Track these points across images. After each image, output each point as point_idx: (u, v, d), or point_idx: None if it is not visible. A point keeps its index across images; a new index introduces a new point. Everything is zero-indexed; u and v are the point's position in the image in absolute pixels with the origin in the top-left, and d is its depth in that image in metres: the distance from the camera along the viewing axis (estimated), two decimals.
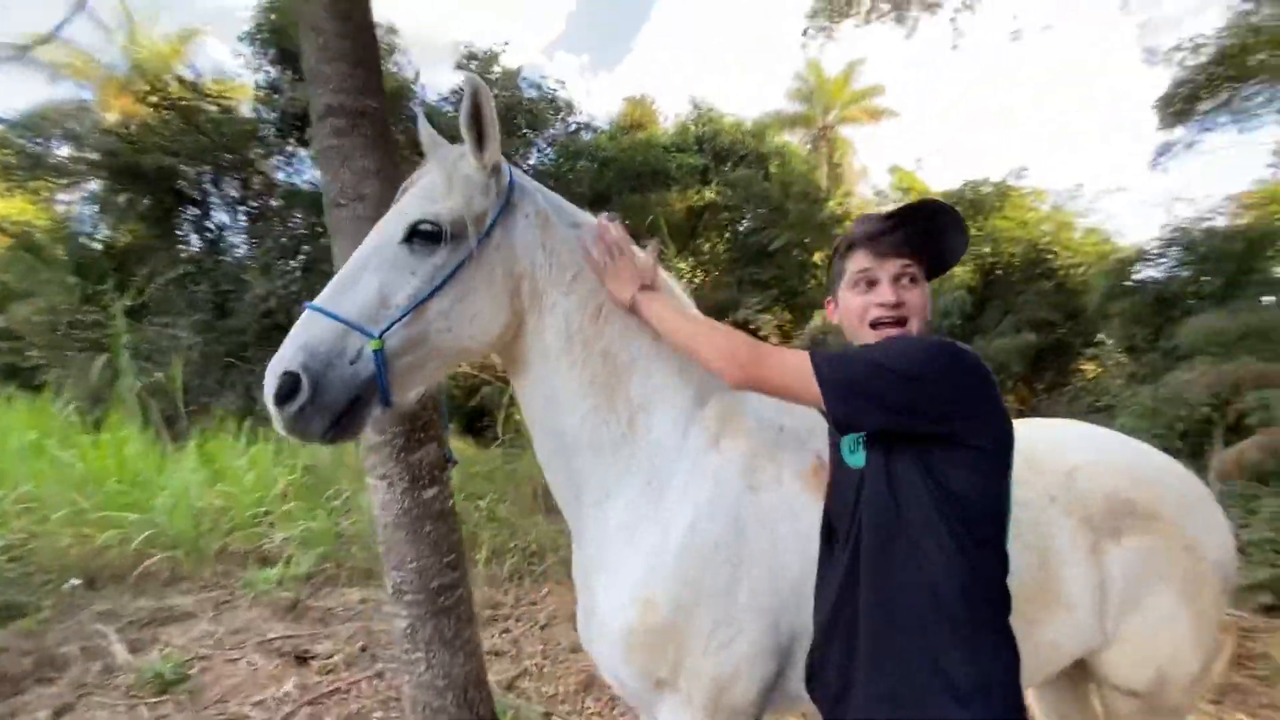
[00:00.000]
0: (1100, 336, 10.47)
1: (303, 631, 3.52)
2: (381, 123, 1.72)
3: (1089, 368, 11.06)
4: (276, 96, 10.36)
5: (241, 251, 11.25)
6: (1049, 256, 11.69)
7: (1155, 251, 9.84)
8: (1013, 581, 1.20)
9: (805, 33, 10.07)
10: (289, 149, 10.90)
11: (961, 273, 12.17)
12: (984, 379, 1.00)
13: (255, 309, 9.33)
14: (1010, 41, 11.11)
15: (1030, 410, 11.45)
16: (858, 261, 1.11)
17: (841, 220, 12.63)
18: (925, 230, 1.08)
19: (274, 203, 11.13)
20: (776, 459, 1.25)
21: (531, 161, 11.84)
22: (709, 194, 13.23)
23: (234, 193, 11.22)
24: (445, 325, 1.15)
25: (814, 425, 1.35)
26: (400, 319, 1.11)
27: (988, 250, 11.99)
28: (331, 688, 2.93)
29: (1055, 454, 1.38)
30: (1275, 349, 6.39)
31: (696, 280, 14.07)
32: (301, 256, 9.83)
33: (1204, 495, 1.47)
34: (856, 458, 1.06)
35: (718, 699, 1.13)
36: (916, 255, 1.09)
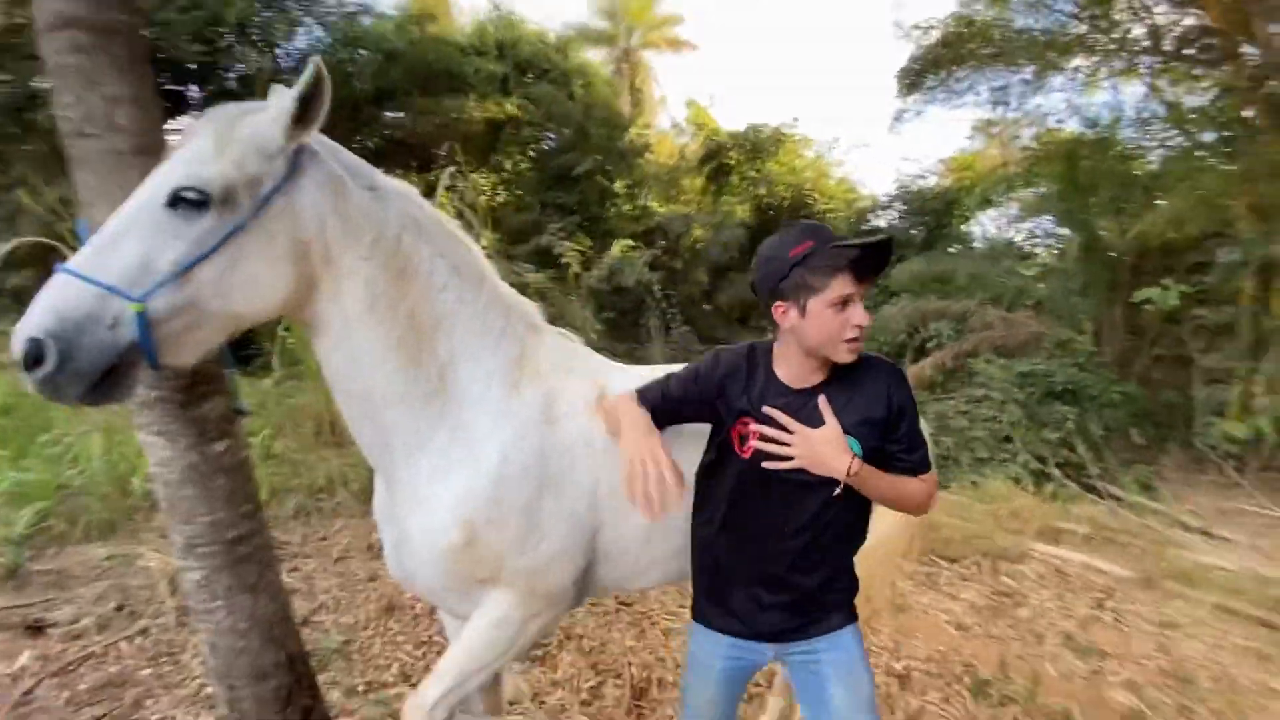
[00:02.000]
0: None
1: (32, 600, 3.04)
2: (137, 43, 1.45)
3: None
4: None
5: None
6: (811, 201, 13.45)
7: (885, 203, 11.93)
8: None
9: None
10: None
11: (741, 211, 13.49)
12: None
13: None
14: None
15: None
16: (843, 284, 1.18)
17: (642, 150, 13.03)
18: (884, 258, 1.25)
19: None
20: (568, 396, 1.47)
21: (299, 44, 10.09)
22: (510, 107, 12.61)
23: None
24: (216, 292, 1.12)
25: (596, 366, 1.62)
26: (164, 283, 1.07)
27: (764, 191, 13.39)
28: (84, 653, 2.63)
29: None
30: (952, 289, 8.35)
31: (500, 199, 13.60)
32: None
33: None
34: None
35: (533, 586, 1.39)
36: (874, 280, 1.31)
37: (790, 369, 1.31)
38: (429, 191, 5.34)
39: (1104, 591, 3.74)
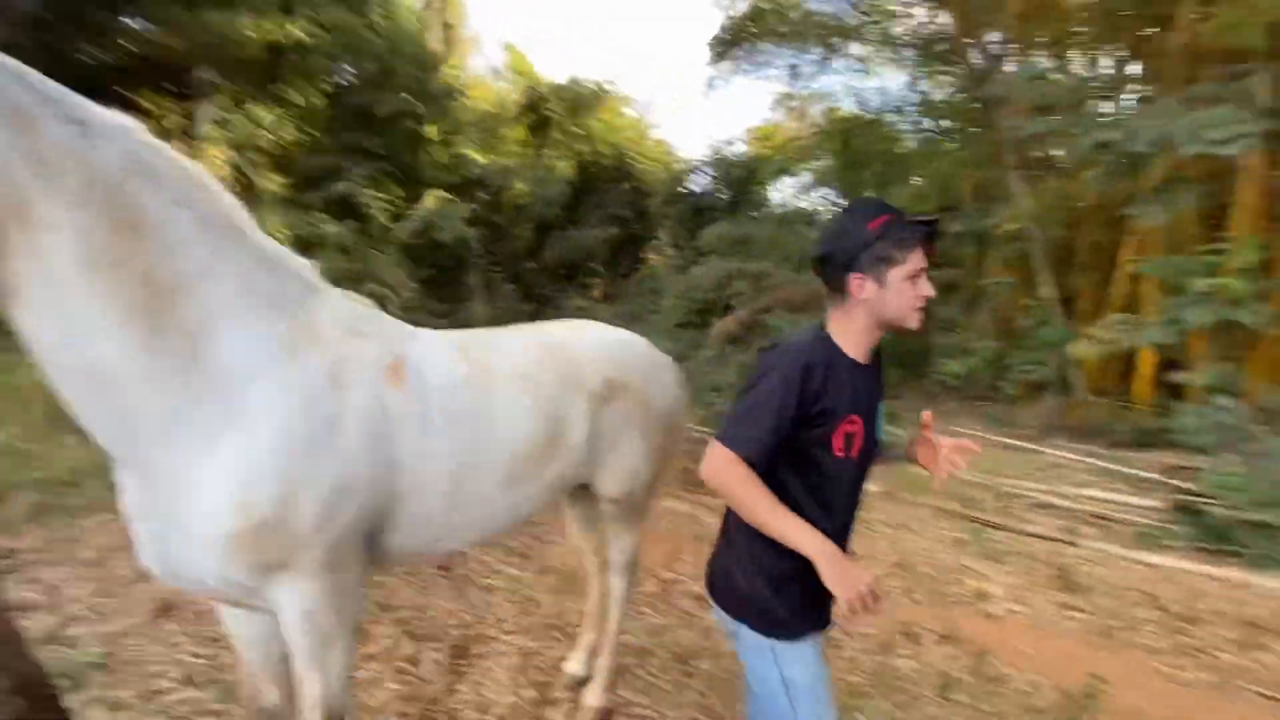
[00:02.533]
0: (661, 233, 13.08)
1: None
2: None
3: (654, 258, 13.83)
4: None
5: None
6: (629, 161, 13.73)
7: (696, 167, 12.60)
8: (535, 438, 1.70)
9: None
10: None
11: (564, 167, 13.37)
12: None
13: None
14: None
15: (613, 291, 13.80)
16: (919, 258, 1.25)
17: (455, 94, 12.19)
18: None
19: None
20: (358, 361, 1.40)
21: None
22: (295, 30, 10.97)
23: None
24: None
25: (388, 329, 1.56)
26: None
27: (586, 149, 13.36)
28: None
29: (572, 350, 1.92)
30: (753, 251, 9.17)
31: (289, 139, 11.88)
32: None
33: (662, 367, 2.24)
34: (879, 430, 1.36)
35: (330, 562, 1.33)
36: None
37: (854, 342, 1.32)
38: (187, 121, 4.50)
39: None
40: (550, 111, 13.80)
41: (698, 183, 12.35)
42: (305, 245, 9.52)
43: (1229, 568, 3.54)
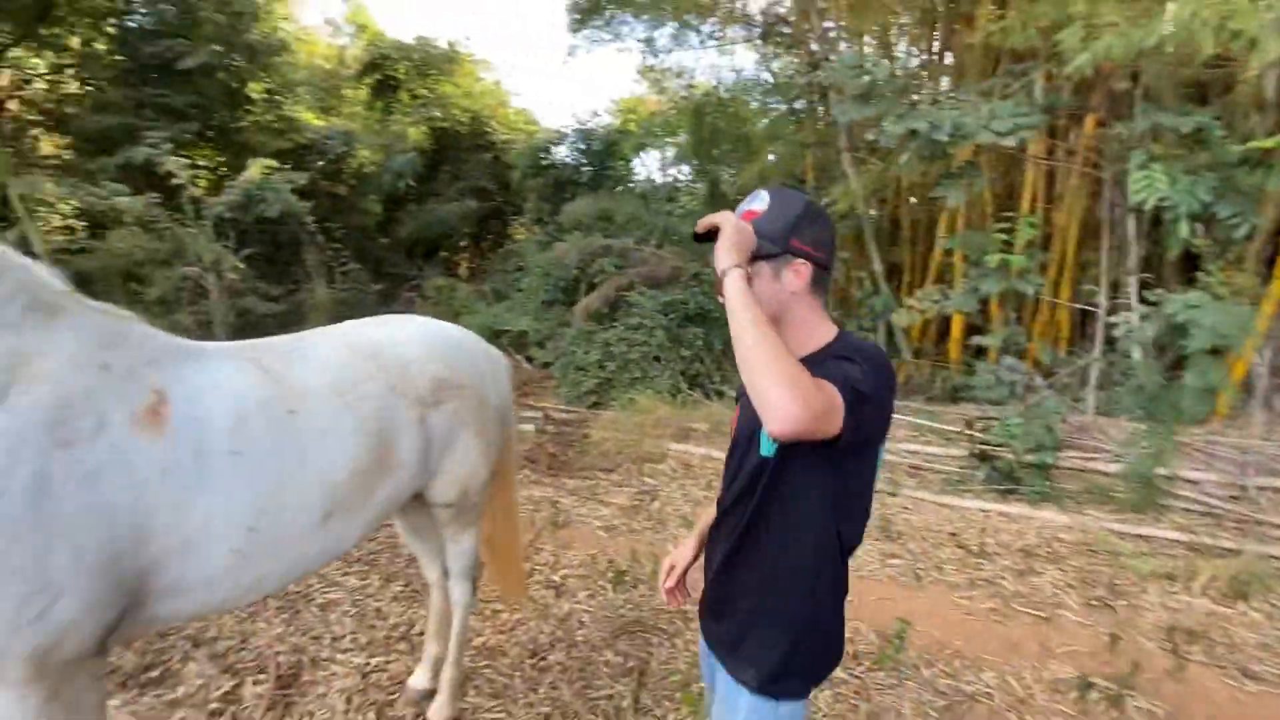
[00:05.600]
0: (526, 206, 12.64)
1: None
2: None
3: (520, 233, 13.37)
4: None
5: None
6: (489, 129, 13.08)
7: (560, 139, 12.29)
8: (360, 460, 1.54)
9: None
10: None
11: (416, 134, 12.47)
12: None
13: None
14: None
15: (476, 269, 13.23)
16: None
17: (279, 48, 10.84)
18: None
19: None
20: (96, 405, 1.14)
21: None
22: None
23: None
24: None
25: (152, 356, 1.28)
26: None
27: (439, 114, 12.52)
28: None
29: (395, 351, 1.74)
30: (615, 227, 9.17)
31: (68, 91, 9.92)
32: None
33: (495, 363, 2.14)
34: (768, 448, 1.07)
35: (42, 666, 1.07)
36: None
37: None
38: None
39: (717, 474, 4.77)
40: (395, 72, 12.74)
41: (561, 155, 12.05)
42: (97, 222, 8.09)
43: (1012, 505, 4.15)
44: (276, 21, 11.38)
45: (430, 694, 2.22)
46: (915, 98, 5.62)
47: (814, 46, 7.50)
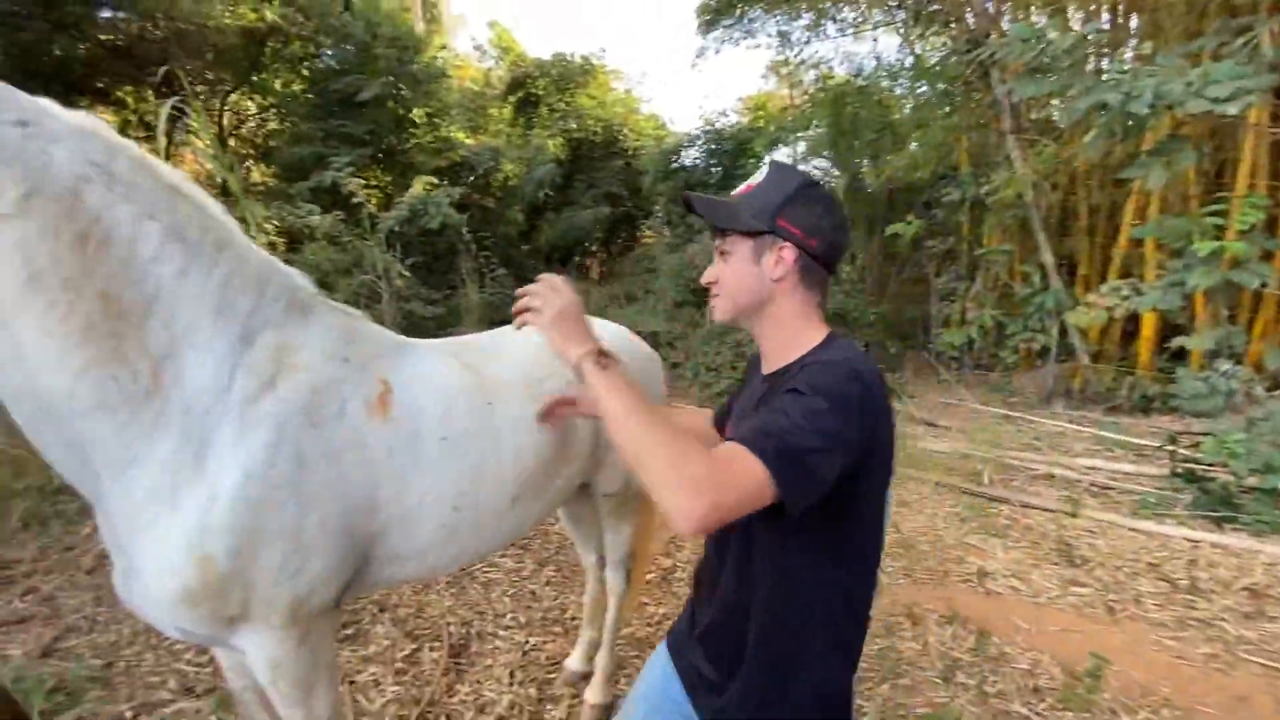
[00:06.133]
0: (656, 210, 12.86)
1: None
2: None
3: (649, 236, 13.64)
4: None
5: None
6: (621, 136, 13.46)
7: (689, 141, 12.35)
8: (544, 449, 1.64)
9: None
10: None
11: (554, 146, 13.13)
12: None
13: None
14: None
15: (606, 272, 13.66)
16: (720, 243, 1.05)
17: (439, 75, 11.93)
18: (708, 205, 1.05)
19: None
20: (340, 392, 1.29)
21: None
22: (270, 14, 10.69)
23: None
24: None
25: (378, 350, 1.43)
26: None
27: (575, 125, 13.10)
28: None
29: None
30: None
31: (271, 126, 11.67)
32: None
33: (654, 362, 2.17)
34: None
35: (296, 613, 1.24)
36: (721, 232, 1.04)
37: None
38: (169, 115, 4.37)
39: None
40: (536, 88, 13.51)
41: (690, 157, 12.10)
42: (294, 238, 9.39)
43: (1231, 535, 3.52)
44: (435, 51, 12.54)
45: (585, 676, 2.31)
46: (1104, 65, 4.94)
47: (971, 22, 6.88)
